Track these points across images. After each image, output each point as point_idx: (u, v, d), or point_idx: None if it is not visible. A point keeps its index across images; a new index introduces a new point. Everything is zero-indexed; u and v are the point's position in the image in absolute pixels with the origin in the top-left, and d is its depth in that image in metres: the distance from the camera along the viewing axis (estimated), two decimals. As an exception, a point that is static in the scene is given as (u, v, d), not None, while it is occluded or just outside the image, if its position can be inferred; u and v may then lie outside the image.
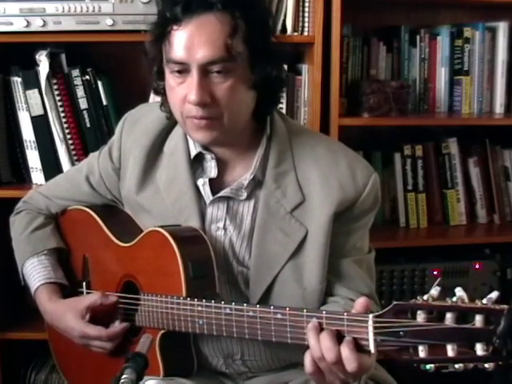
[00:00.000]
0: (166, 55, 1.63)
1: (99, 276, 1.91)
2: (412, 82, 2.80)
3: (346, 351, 1.36)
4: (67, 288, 1.93)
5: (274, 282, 1.71)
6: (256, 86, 1.64)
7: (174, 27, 1.58)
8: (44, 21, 2.30)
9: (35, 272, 1.90)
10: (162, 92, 1.73)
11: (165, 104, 1.74)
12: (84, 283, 1.94)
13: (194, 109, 1.60)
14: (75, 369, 1.97)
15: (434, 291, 1.24)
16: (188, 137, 1.76)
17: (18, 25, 2.30)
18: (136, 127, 1.85)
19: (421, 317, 1.25)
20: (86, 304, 1.79)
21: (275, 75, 1.68)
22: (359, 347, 1.36)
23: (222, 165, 1.75)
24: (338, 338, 1.38)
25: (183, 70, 1.60)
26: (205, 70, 1.58)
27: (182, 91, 1.61)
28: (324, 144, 1.79)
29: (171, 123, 1.80)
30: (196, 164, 1.77)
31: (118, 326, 1.78)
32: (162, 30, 1.62)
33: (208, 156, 1.74)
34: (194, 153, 1.76)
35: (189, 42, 1.57)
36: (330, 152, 1.76)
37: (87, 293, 1.93)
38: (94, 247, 1.93)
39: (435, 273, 2.71)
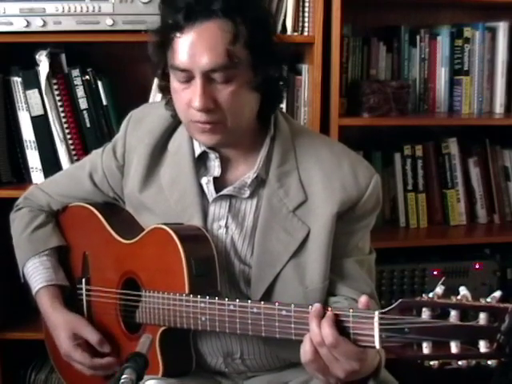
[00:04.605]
0: (169, 61, 1.64)
1: (99, 273, 1.91)
2: (412, 82, 2.80)
3: (325, 329, 1.38)
4: (68, 289, 1.94)
5: (276, 280, 1.71)
6: (258, 88, 1.65)
7: (177, 34, 1.60)
8: (44, 21, 2.29)
9: (36, 273, 1.91)
10: (166, 91, 1.73)
11: (169, 102, 1.75)
12: (84, 280, 1.94)
13: (198, 114, 1.61)
14: (73, 368, 1.97)
15: (439, 289, 1.26)
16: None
17: (18, 25, 2.29)
18: (141, 125, 1.86)
19: (426, 314, 1.26)
20: (81, 333, 1.83)
21: (278, 75, 1.69)
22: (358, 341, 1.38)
23: (225, 164, 1.76)
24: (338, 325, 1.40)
25: (187, 75, 1.61)
26: (208, 77, 1.59)
27: (187, 96, 1.62)
28: (327, 145, 1.81)
29: (175, 122, 1.81)
30: (200, 162, 1.78)
31: (103, 360, 1.82)
32: (165, 37, 1.63)
33: (212, 155, 1.75)
34: (198, 152, 1.77)
35: (191, 49, 1.58)
36: (332, 153, 1.77)
37: (87, 289, 1.93)
38: (95, 244, 1.93)
39: (435, 273, 2.72)
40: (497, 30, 2.81)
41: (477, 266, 2.75)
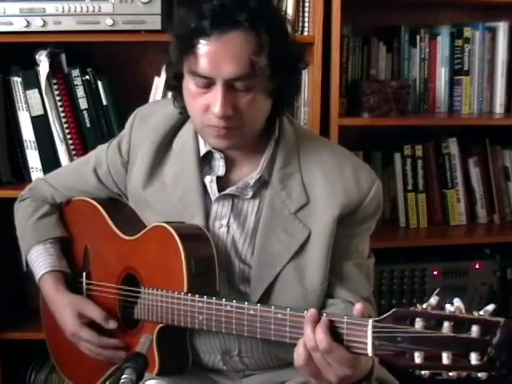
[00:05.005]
0: (189, 66, 1.63)
1: (100, 267, 1.92)
2: (412, 82, 2.80)
3: (319, 335, 1.39)
4: (70, 277, 1.95)
5: (276, 280, 1.72)
6: (272, 94, 1.67)
7: (201, 41, 1.59)
8: (44, 21, 2.30)
9: (40, 260, 1.92)
10: (176, 90, 1.74)
11: (178, 100, 1.76)
12: (84, 274, 1.95)
13: (216, 120, 1.62)
14: (76, 365, 1.98)
15: (433, 300, 1.26)
16: (198, 135, 1.78)
17: (18, 25, 2.30)
18: (146, 123, 1.87)
19: (419, 324, 1.26)
20: (86, 312, 1.84)
21: (293, 82, 1.72)
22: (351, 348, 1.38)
23: (229, 163, 1.77)
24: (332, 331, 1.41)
25: (207, 82, 1.61)
26: (229, 85, 1.60)
27: (205, 101, 1.63)
28: (330, 150, 1.82)
29: (181, 120, 1.82)
30: (204, 161, 1.79)
31: (110, 339, 1.83)
32: (187, 41, 1.62)
33: (217, 155, 1.76)
34: (203, 151, 1.78)
35: (215, 57, 1.58)
36: (335, 158, 1.78)
37: (87, 283, 1.95)
38: (97, 239, 1.94)
39: (435, 273, 2.72)
40: (497, 30, 2.81)
41: (477, 266, 2.75)
